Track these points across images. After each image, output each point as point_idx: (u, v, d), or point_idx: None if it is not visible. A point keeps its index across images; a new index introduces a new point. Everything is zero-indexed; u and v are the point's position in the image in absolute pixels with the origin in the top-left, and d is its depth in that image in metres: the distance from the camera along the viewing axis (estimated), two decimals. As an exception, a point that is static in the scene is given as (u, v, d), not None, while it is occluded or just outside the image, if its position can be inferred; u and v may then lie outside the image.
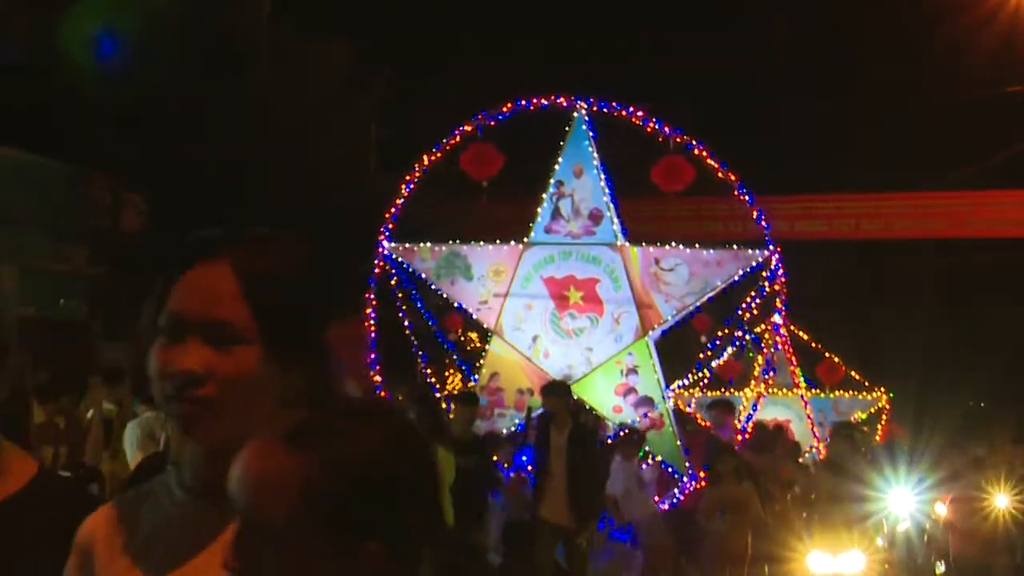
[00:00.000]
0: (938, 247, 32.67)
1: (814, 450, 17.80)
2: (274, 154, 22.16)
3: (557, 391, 15.04)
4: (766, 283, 17.74)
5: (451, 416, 15.64)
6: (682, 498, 16.73)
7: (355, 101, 22.36)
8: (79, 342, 23.11)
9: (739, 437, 17.37)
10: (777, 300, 17.90)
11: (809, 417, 21.10)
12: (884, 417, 22.79)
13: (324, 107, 22.75)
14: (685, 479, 16.95)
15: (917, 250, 32.82)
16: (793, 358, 21.30)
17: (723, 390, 21.77)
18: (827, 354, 20.53)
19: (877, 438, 21.49)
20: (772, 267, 17.60)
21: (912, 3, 31.13)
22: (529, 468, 15.44)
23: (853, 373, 22.66)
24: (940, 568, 15.50)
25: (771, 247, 17.62)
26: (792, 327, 20.69)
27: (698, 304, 17.94)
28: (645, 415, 17.27)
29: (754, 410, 18.46)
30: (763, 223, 17.71)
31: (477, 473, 14.30)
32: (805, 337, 19.58)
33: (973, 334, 33.18)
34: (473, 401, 15.41)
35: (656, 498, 16.51)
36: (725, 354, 19.08)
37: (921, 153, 32.79)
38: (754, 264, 17.64)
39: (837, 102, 33.39)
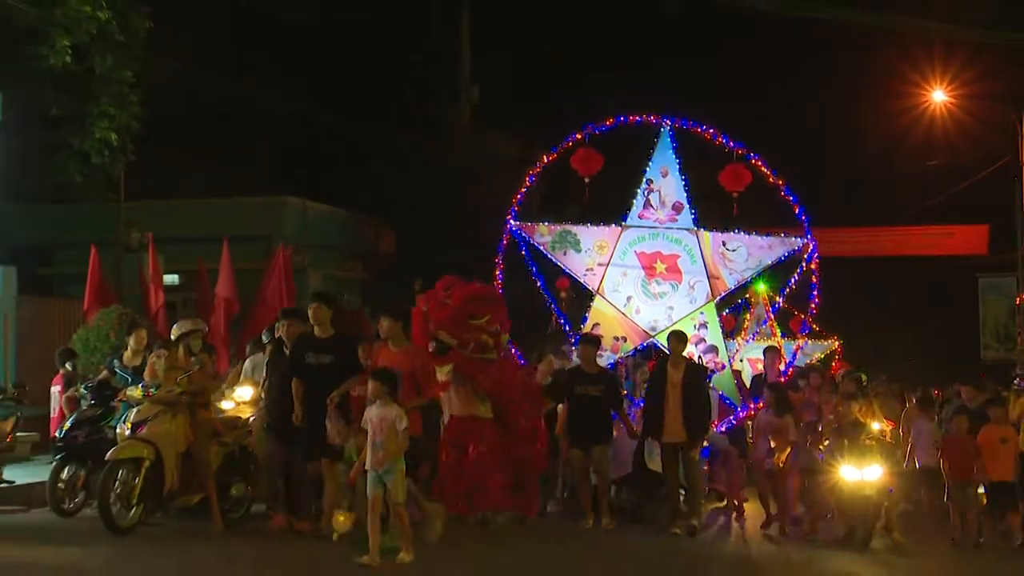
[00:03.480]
0: (883, 261, 33.59)
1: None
2: (471, 206, 25.07)
3: (681, 338, 14.48)
4: (804, 263, 16.97)
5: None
6: (735, 422, 16.02)
7: (521, 170, 22.43)
8: (355, 322, 23.90)
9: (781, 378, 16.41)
10: (813, 276, 16.99)
11: (783, 356, 19.58)
12: (836, 357, 21.99)
13: (502, 175, 24.66)
14: (739, 408, 16.20)
15: (871, 264, 33.28)
16: (771, 315, 20.38)
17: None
18: (795, 312, 19.61)
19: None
20: (809, 251, 16.88)
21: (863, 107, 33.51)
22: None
23: (814, 326, 21.54)
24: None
25: (809, 236, 16.92)
26: (772, 296, 19.74)
27: (752, 277, 17.46)
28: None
29: (794, 358, 17.62)
30: (803, 218, 16.87)
31: (603, 399, 13.94)
32: (779, 300, 18.82)
33: (902, 313, 33.14)
34: (593, 341, 14.77)
35: (715, 422, 15.57)
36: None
37: (875, 201, 35.05)
38: (796, 248, 16.91)
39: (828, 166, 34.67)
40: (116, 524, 11.49)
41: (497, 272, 16.54)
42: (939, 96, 29.93)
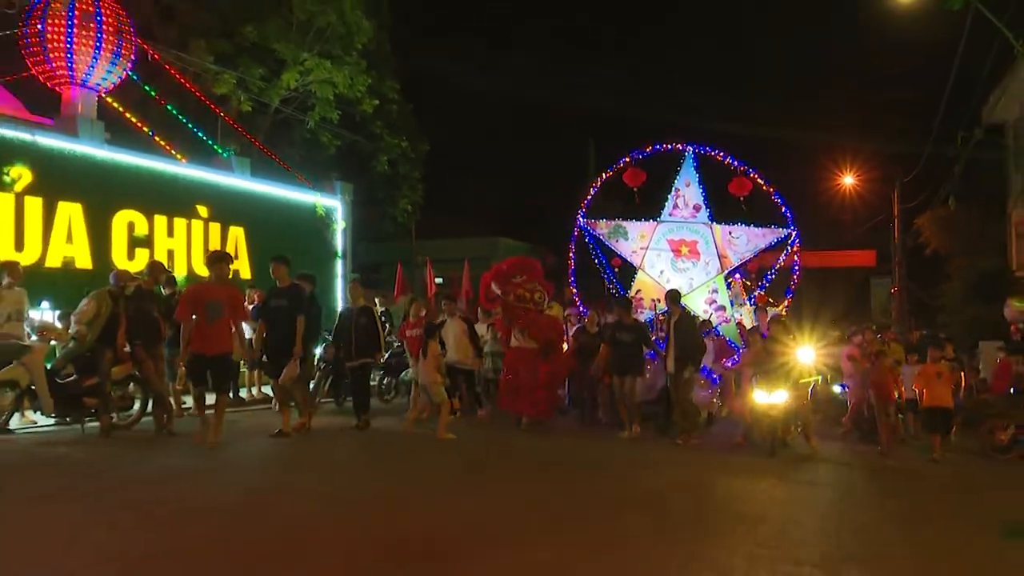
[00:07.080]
0: (824, 270, 24.99)
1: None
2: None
3: (675, 297, 7.82)
4: (789, 247, 9.82)
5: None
6: (738, 360, 8.86)
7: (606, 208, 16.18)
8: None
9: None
10: (796, 257, 9.87)
11: (751, 318, 12.02)
12: (784, 316, 14.12)
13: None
14: (740, 349, 9.17)
15: (820, 272, 24.47)
16: (744, 292, 12.37)
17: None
18: (759, 292, 11.88)
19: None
20: (793, 238, 9.75)
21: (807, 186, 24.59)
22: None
23: (770, 299, 13.53)
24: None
25: (792, 227, 9.71)
26: (747, 283, 11.85)
27: (750, 257, 10.11)
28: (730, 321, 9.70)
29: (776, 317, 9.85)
30: (788, 214, 9.72)
31: (635, 344, 7.60)
32: (748, 283, 11.12)
33: (825, 300, 24.19)
34: (627, 304, 8.19)
35: (724, 360, 8.98)
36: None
37: (814, 238, 26.06)
38: (782, 236, 9.78)
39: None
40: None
41: (570, 255, 10.41)
42: (849, 180, 23.93)
